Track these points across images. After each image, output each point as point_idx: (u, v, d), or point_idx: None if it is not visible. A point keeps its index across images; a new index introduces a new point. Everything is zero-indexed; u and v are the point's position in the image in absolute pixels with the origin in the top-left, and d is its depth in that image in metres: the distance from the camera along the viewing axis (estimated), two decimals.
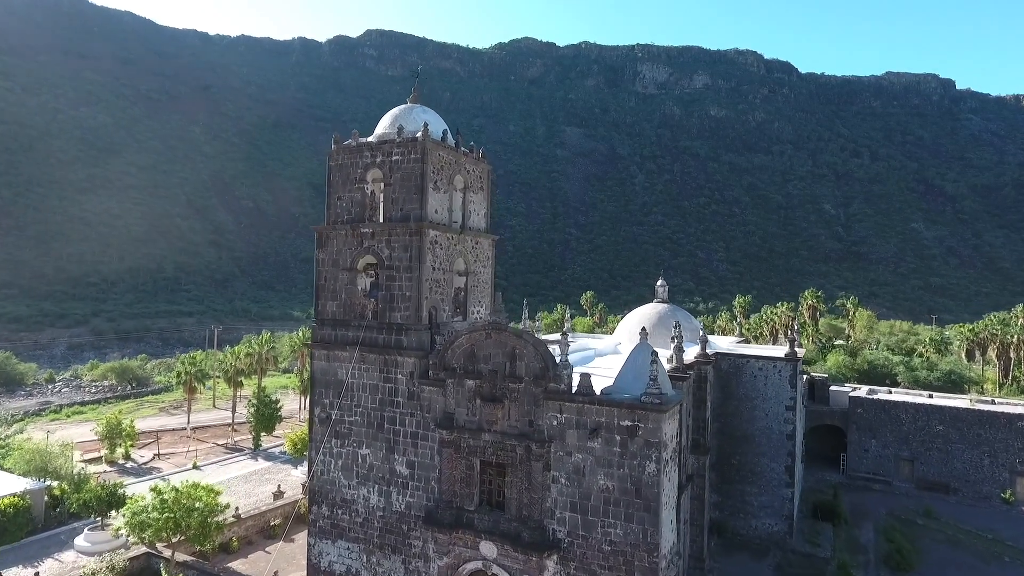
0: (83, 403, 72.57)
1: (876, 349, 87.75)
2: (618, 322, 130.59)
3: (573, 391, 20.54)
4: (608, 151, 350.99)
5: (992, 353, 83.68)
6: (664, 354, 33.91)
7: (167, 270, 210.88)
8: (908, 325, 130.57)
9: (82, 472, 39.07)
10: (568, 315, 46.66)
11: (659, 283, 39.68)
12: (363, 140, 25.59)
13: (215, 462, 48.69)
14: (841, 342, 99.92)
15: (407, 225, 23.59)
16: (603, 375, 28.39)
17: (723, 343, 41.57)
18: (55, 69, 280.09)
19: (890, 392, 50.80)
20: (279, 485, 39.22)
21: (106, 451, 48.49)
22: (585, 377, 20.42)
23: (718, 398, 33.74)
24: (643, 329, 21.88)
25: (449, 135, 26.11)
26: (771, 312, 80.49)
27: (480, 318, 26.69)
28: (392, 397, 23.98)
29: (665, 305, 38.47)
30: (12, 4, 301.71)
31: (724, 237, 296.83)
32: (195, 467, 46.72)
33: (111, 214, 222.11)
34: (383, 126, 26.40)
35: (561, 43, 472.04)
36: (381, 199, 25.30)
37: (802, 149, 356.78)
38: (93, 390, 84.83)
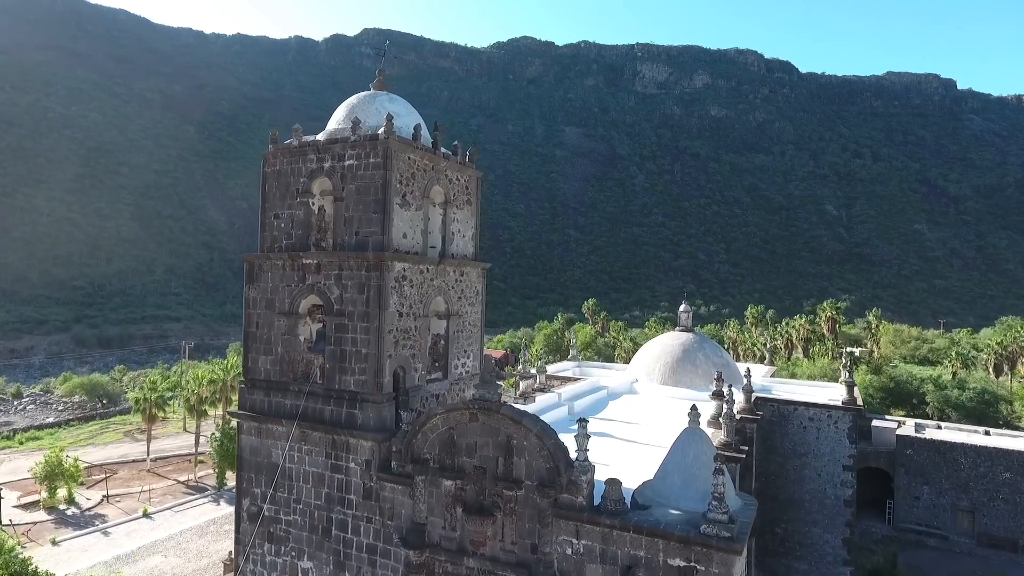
0: (40, 427, 66.00)
1: (893, 362, 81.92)
2: (621, 330, 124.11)
3: (595, 503, 14.13)
4: (608, 151, 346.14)
5: (1022, 367, 78.09)
6: (692, 398, 27.89)
7: (156, 272, 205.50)
8: (917, 331, 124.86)
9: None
10: (573, 339, 40.49)
11: (682, 308, 33.18)
12: (308, 138, 19.26)
13: (170, 507, 42.47)
14: (851, 349, 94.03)
15: (363, 256, 17.31)
16: (624, 437, 22.34)
17: (757, 374, 35.33)
18: (47, 67, 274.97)
19: (939, 427, 44.67)
20: (231, 552, 33.15)
21: (45, 495, 42.13)
22: (614, 486, 13.97)
23: (759, 452, 27.81)
24: (693, 408, 15.41)
25: (424, 131, 19.73)
26: (788, 325, 74.43)
27: (467, 372, 20.32)
28: (342, 493, 17.56)
29: (690, 335, 32.11)
30: (5, 2, 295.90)
31: (725, 238, 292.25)
32: (145, 515, 40.45)
33: (100, 215, 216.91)
34: (335, 120, 19.97)
35: (560, 42, 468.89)
36: (331, 218, 18.97)
37: (803, 149, 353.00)
38: (60, 408, 78.53)
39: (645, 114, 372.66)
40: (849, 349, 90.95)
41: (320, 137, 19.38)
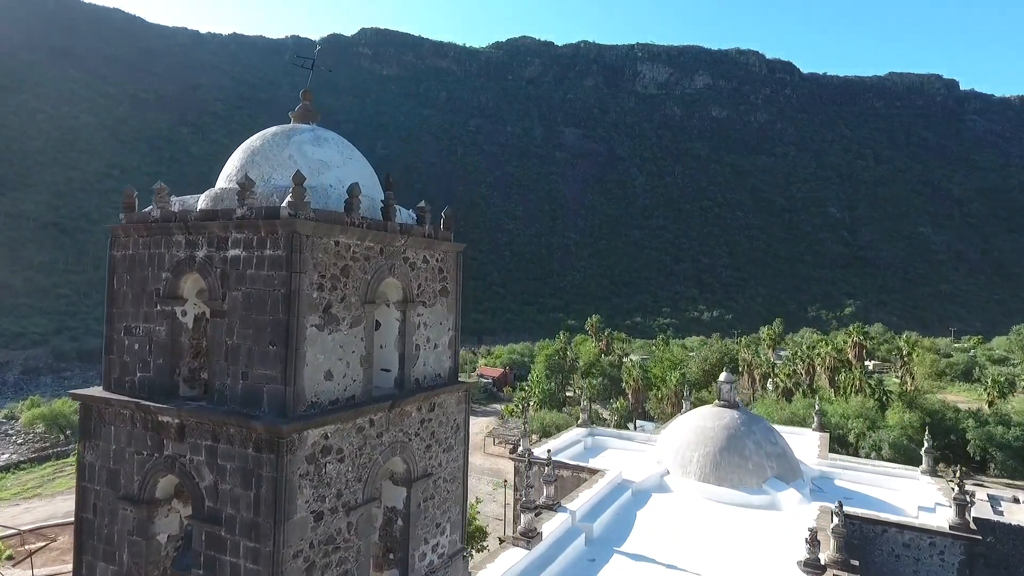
0: None
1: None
2: (624, 341, 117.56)
3: None
4: (608, 152, 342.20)
5: None
6: (742, 503, 22.42)
7: None
8: (929, 341, 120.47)
9: None
10: (583, 399, 35.15)
11: (723, 378, 26.53)
12: (178, 205, 11.17)
13: None
14: (867, 363, 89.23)
15: (249, 425, 8.78)
16: None
17: (805, 449, 29.60)
18: (38, 67, 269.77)
19: (1016, 500, 39.06)
20: None
21: None
22: None
23: None
24: None
25: (373, 188, 11.61)
26: (810, 350, 69.40)
27: (440, 558, 11.62)
28: None
29: (733, 413, 25.68)
30: None
31: (727, 241, 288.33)
32: None
33: (89, 219, 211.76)
34: (225, 175, 11.52)
35: (559, 42, 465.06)
36: (209, 341, 10.27)
37: (805, 151, 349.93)
38: (21, 440, 72.26)
39: (645, 115, 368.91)
40: (864, 363, 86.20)
41: (201, 203, 10.99)
